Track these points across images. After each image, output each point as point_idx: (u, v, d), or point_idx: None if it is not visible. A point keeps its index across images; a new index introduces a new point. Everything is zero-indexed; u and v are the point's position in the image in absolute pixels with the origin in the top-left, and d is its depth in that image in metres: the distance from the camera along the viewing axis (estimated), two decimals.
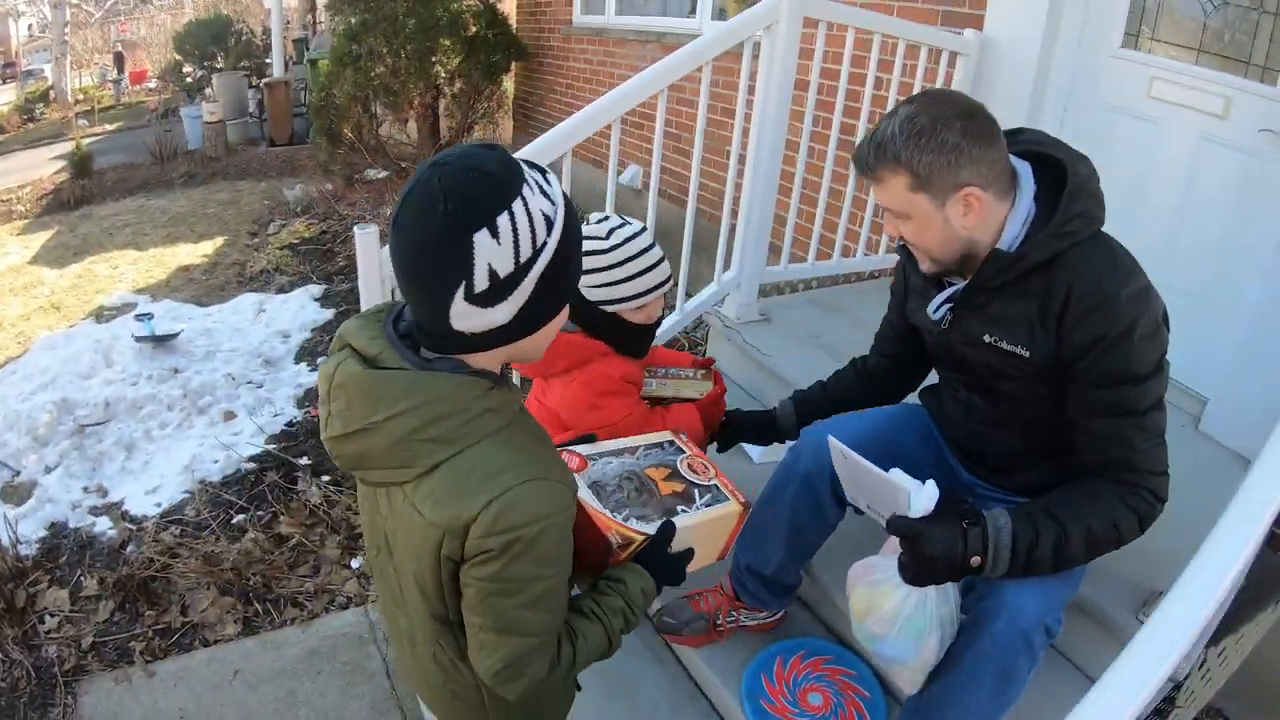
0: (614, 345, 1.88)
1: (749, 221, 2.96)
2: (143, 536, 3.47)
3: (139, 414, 4.44)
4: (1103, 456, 1.49)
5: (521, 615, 1.10)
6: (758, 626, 2.10)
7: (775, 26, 2.63)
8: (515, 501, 1.03)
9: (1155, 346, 1.44)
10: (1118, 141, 2.96)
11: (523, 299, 1.03)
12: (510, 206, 0.99)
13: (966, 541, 1.43)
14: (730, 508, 1.51)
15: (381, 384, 1.04)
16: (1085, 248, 1.46)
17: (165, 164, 10.78)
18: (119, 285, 6.62)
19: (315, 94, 8.37)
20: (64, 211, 9.23)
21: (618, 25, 6.40)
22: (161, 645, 2.88)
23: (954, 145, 1.41)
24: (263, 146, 11.69)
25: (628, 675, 2.15)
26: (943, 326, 1.68)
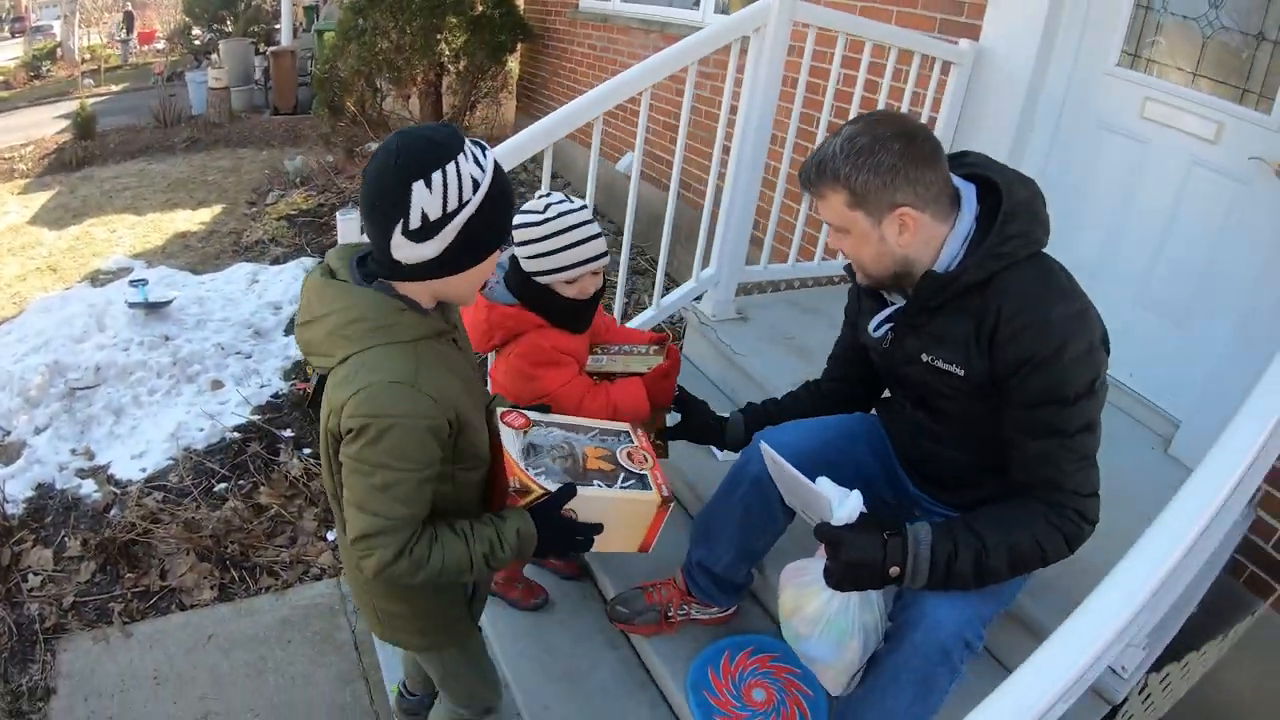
0: (548, 319, 1.93)
1: (730, 220, 2.98)
2: (126, 500, 3.53)
3: (129, 379, 4.48)
4: (1031, 476, 1.51)
5: (372, 495, 1.32)
6: (709, 621, 2.14)
7: (764, 29, 2.65)
8: (375, 394, 1.27)
9: (1088, 369, 1.45)
10: (1107, 159, 2.97)
11: (446, 241, 1.30)
12: (444, 166, 1.26)
13: (886, 551, 1.48)
14: (647, 496, 1.57)
15: (327, 289, 1.36)
16: (1020, 269, 1.49)
17: (168, 128, 10.80)
18: (116, 249, 6.64)
19: (320, 65, 8.39)
20: (65, 172, 9.26)
21: (623, 12, 6.41)
22: (140, 607, 2.96)
23: (891, 166, 1.46)
24: (267, 114, 11.70)
25: (581, 659, 2.20)
26: (884, 345, 1.73)
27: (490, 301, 1.92)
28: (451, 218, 1.28)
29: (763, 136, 2.82)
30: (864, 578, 1.50)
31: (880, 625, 1.59)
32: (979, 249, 1.51)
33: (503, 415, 1.60)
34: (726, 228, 2.99)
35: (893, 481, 1.91)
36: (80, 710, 2.52)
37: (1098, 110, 3.00)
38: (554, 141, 2.41)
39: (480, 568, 1.42)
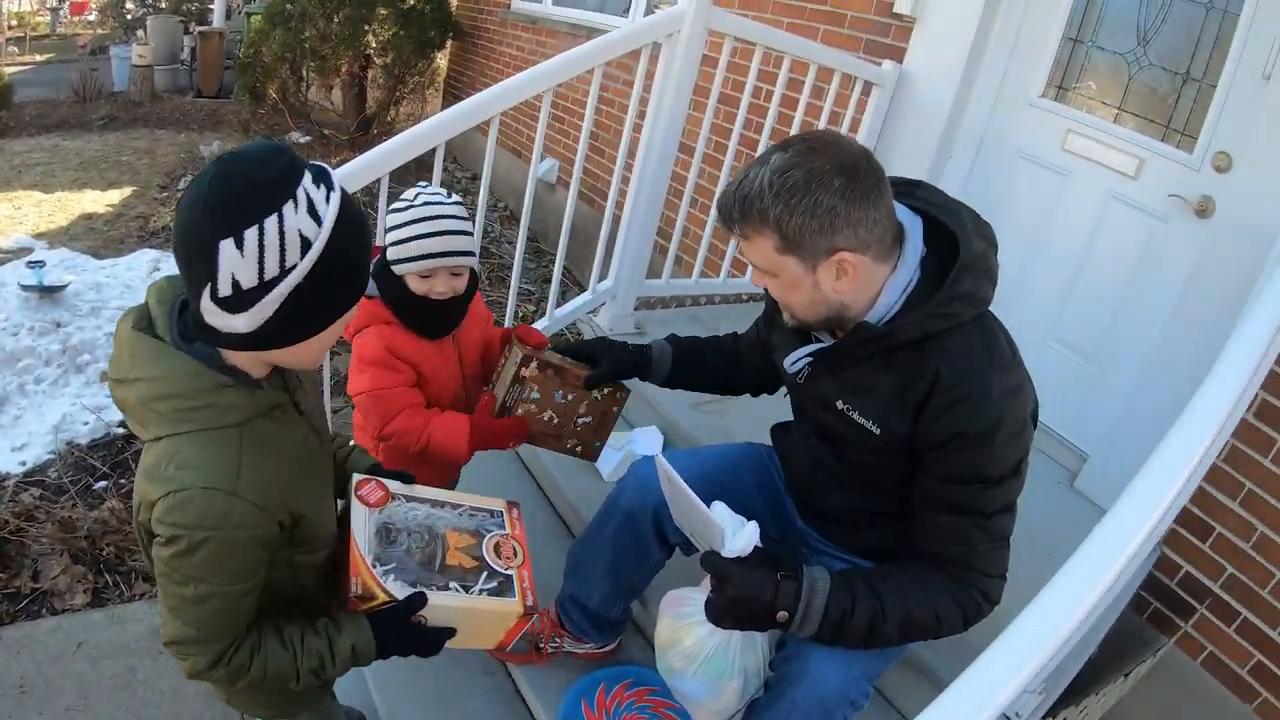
0: (401, 316, 1.82)
1: (631, 231, 2.90)
2: (2, 495, 3.33)
3: (15, 367, 4.25)
4: (940, 549, 1.42)
5: (186, 606, 1.13)
6: (585, 655, 2.03)
7: (677, 35, 2.58)
8: (187, 503, 1.05)
9: (1016, 449, 1.36)
10: (1026, 189, 2.99)
11: (266, 314, 1.04)
12: (262, 221, 0.99)
13: (777, 593, 1.37)
14: (509, 607, 1.40)
15: (137, 346, 1.08)
16: (964, 332, 1.36)
17: (87, 104, 10.36)
18: (18, 228, 6.33)
19: (244, 49, 8.16)
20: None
21: (552, 15, 6.35)
22: (9, 610, 2.78)
23: (829, 208, 1.28)
24: (190, 96, 11.30)
25: (454, 684, 2.10)
26: (799, 380, 1.60)
27: None
28: (271, 287, 1.02)
29: (670, 147, 2.75)
30: (747, 617, 1.39)
31: (762, 670, 1.51)
32: (920, 303, 1.36)
33: (358, 486, 1.40)
34: (627, 239, 2.92)
35: (778, 515, 1.81)
36: None
37: (1019, 140, 3.03)
38: (448, 139, 2.33)
39: (307, 681, 1.25)
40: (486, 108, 2.38)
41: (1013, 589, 1.45)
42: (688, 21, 2.55)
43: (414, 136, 2.28)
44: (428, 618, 1.33)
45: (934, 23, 3.16)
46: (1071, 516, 2.49)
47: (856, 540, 1.67)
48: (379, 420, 1.80)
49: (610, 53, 2.56)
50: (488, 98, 2.38)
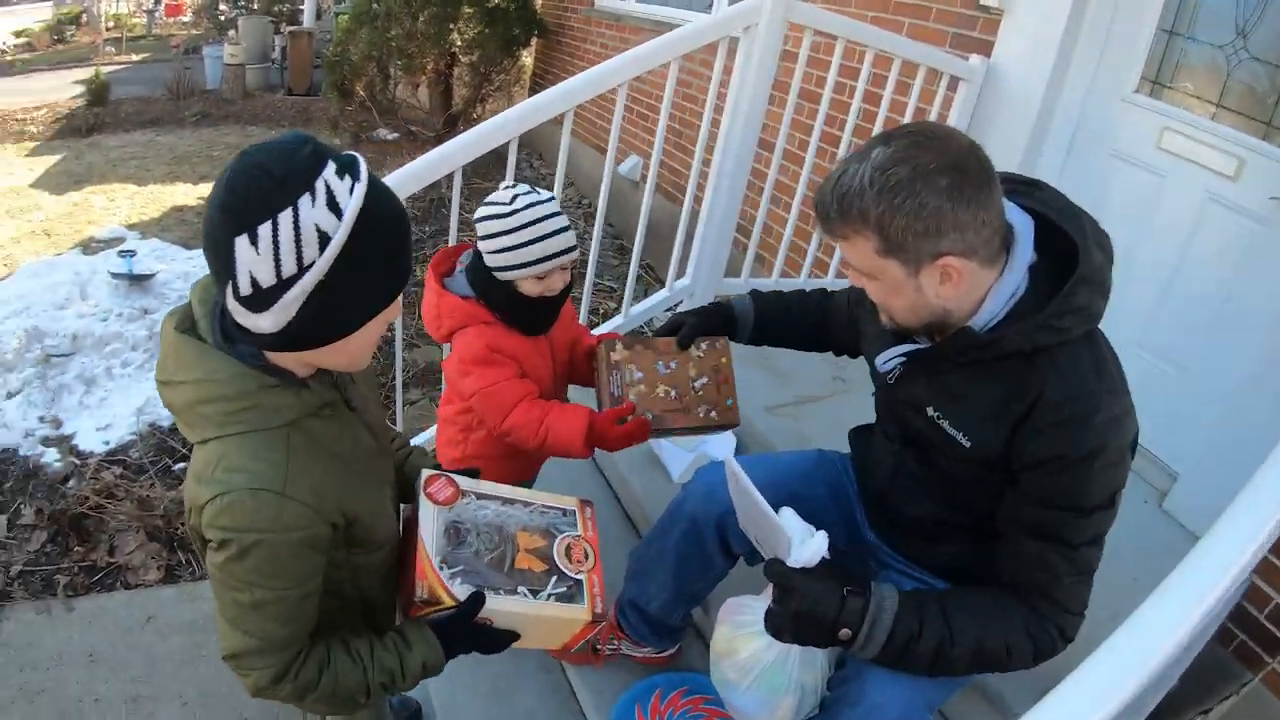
0: (502, 317, 1.79)
1: (708, 229, 2.84)
2: (85, 472, 3.45)
3: (104, 350, 4.41)
4: (1021, 576, 1.33)
5: (244, 613, 1.09)
6: (643, 659, 1.98)
7: (754, 28, 2.50)
8: (236, 505, 1.02)
9: (1114, 479, 1.26)
10: (1119, 190, 2.83)
11: (289, 313, 0.99)
12: (276, 216, 0.94)
13: (842, 610, 1.29)
14: (576, 614, 1.34)
15: (181, 348, 1.06)
16: (1075, 350, 1.26)
17: (181, 101, 10.74)
18: (113, 218, 6.58)
19: (332, 48, 8.34)
20: (75, 137, 9.21)
21: (636, 13, 6.34)
22: (85, 582, 2.88)
23: (935, 210, 1.17)
24: (280, 94, 11.64)
25: (511, 678, 2.08)
26: (889, 381, 1.50)
27: (442, 289, 1.81)
28: (289, 285, 0.97)
29: (748, 144, 2.68)
30: (809, 632, 1.31)
31: (820, 688, 1.45)
32: (1028, 313, 1.26)
33: (428, 483, 1.36)
34: (705, 236, 2.86)
35: (848, 526, 1.73)
36: (14, 680, 2.47)
37: (1112, 138, 2.87)
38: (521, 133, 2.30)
39: (377, 695, 1.22)
40: (560, 102, 2.35)
41: (1091, 614, 1.35)
42: (765, 14, 2.47)
43: (486, 131, 2.27)
44: (493, 620, 1.30)
45: (1022, 15, 3.03)
46: (1159, 539, 2.34)
47: (930, 555, 1.58)
48: (496, 416, 1.76)
49: (685, 46, 2.49)
50: (560, 92, 2.34)
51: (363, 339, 1.08)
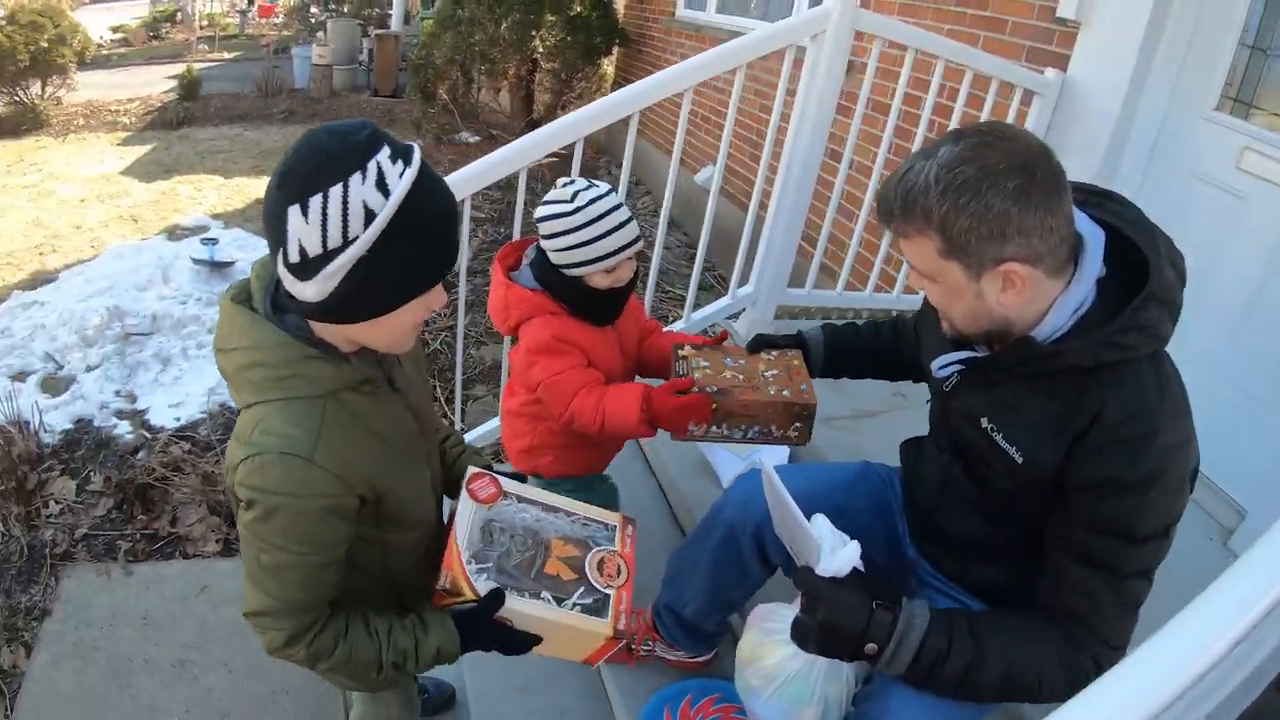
0: (570, 308, 1.79)
1: (773, 237, 2.81)
2: (154, 446, 3.58)
3: (181, 332, 4.58)
4: (1061, 602, 1.26)
5: (264, 574, 1.13)
6: (678, 663, 1.95)
7: (821, 36, 2.43)
8: (266, 467, 1.06)
9: (1170, 510, 1.20)
10: (1197, 213, 2.69)
11: (331, 284, 1.04)
12: (327, 190, 0.98)
13: (870, 623, 1.25)
14: (598, 627, 1.33)
15: (235, 317, 1.12)
16: (1139, 369, 1.20)
17: (269, 98, 11.09)
18: (198, 207, 6.83)
19: (416, 51, 8.53)
20: (165, 130, 9.59)
21: (715, 22, 6.34)
22: (145, 549, 3.00)
23: (1001, 212, 1.12)
24: (366, 95, 11.93)
25: (548, 674, 2.09)
26: (944, 388, 1.45)
27: (509, 281, 1.82)
28: (333, 256, 1.01)
29: (814, 154, 2.64)
30: (834, 644, 1.27)
31: (845, 702, 1.41)
32: (1094, 327, 1.20)
33: (471, 479, 1.38)
34: (769, 245, 2.83)
35: (890, 542, 1.67)
36: (69, 636, 2.58)
37: (1191, 157, 2.75)
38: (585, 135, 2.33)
39: (388, 673, 1.25)
40: (625, 106, 2.37)
41: None
42: (832, 22, 2.41)
43: (552, 132, 2.29)
44: (513, 621, 1.30)
45: (1100, 28, 2.95)
46: None
47: (971, 575, 1.51)
48: (560, 403, 1.75)
49: (751, 53, 2.47)
50: (623, 97, 2.36)
51: (401, 320, 1.11)
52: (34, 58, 9.55)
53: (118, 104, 10.88)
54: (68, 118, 10.15)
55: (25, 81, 9.74)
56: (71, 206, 6.79)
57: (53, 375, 4.19)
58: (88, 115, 10.34)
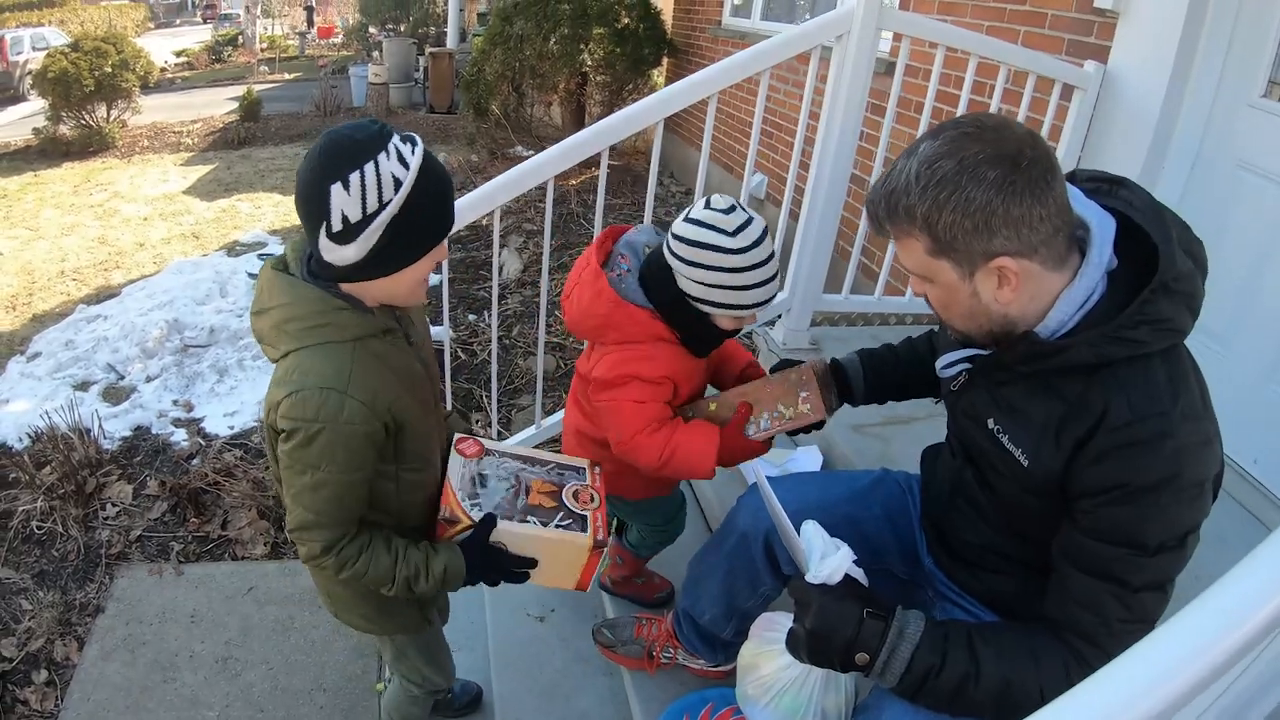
0: (684, 337, 1.63)
1: (805, 242, 2.75)
2: (209, 452, 3.69)
3: (237, 344, 4.71)
4: (1067, 615, 1.19)
5: (305, 493, 1.32)
6: (700, 672, 1.92)
7: (846, 36, 2.40)
8: (306, 399, 1.26)
9: (1186, 518, 1.11)
10: (1246, 206, 2.57)
11: (370, 243, 1.26)
12: (363, 166, 1.21)
13: (859, 633, 1.20)
14: (578, 540, 1.50)
15: (276, 282, 1.33)
16: (1148, 365, 1.13)
17: (327, 117, 11.40)
18: (257, 224, 7.03)
19: (468, 68, 8.66)
20: (226, 149, 9.91)
21: (760, 30, 6.34)
22: (196, 550, 3.11)
23: (984, 204, 1.07)
24: (422, 112, 12.18)
25: (570, 680, 2.10)
26: (952, 388, 1.40)
27: (619, 298, 1.60)
28: (372, 219, 1.24)
29: (845, 156, 2.59)
30: (824, 653, 1.22)
31: (844, 713, 1.38)
32: (1101, 321, 1.14)
33: (458, 441, 1.59)
34: (802, 250, 2.78)
35: (906, 554, 1.60)
36: (120, 631, 2.69)
37: (1239, 147, 2.63)
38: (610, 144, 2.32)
39: (401, 589, 1.43)
40: (649, 114, 2.36)
41: None
42: (857, 21, 2.37)
43: (575, 143, 2.30)
44: (507, 545, 1.48)
45: (1139, 16, 2.86)
46: None
47: (984, 587, 1.45)
48: (627, 431, 1.61)
49: (775, 57, 2.42)
50: (647, 105, 2.35)
51: (418, 271, 1.34)
52: (99, 83, 9.97)
53: (181, 125, 11.28)
54: (133, 139, 10.56)
55: (91, 105, 10.16)
56: (135, 224, 7.05)
57: (114, 385, 4.35)
58: (152, 137, 10.74)
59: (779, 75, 5.21)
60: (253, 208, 7.52)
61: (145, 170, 9.03)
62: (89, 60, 9.84)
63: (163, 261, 6.09)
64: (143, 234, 6.79)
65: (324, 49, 20.68)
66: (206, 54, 19.57)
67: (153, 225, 7.00)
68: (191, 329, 4.79)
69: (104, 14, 23.25)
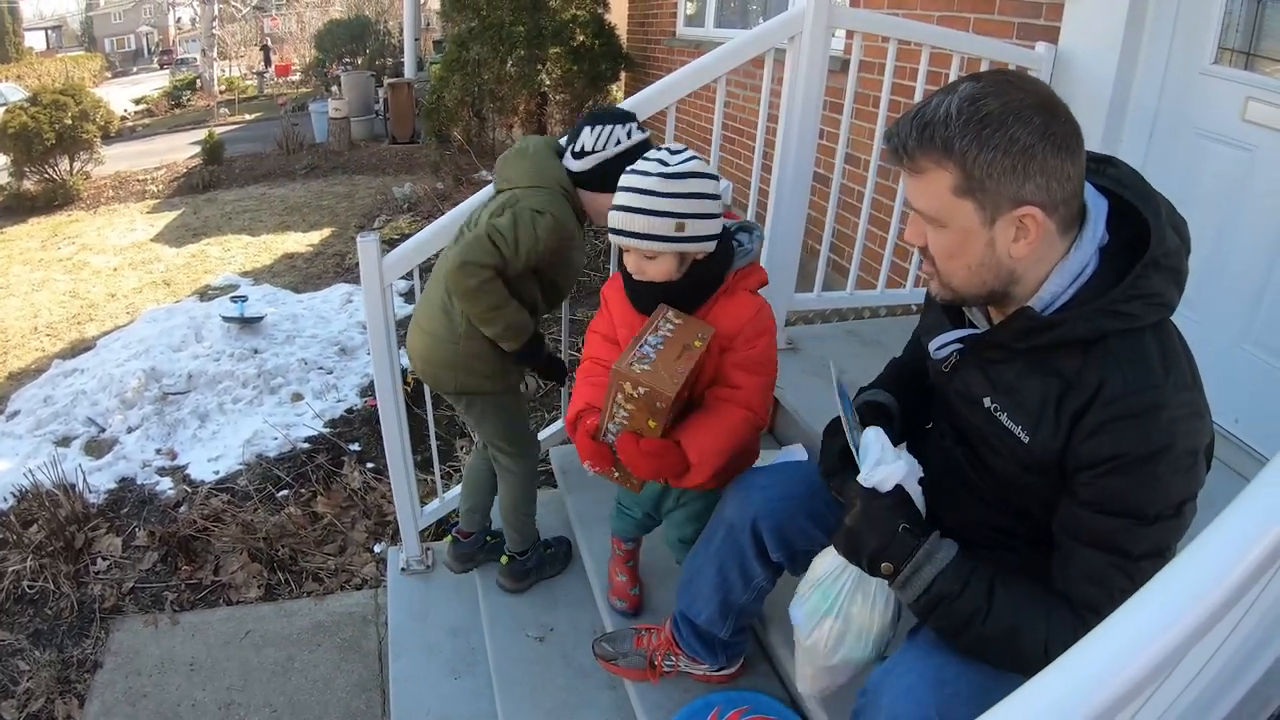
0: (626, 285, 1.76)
1: (774, 244, 2.73)
2: (195, 499, 3.66)
3: (216, 388, 4.68)
4: (1074, 590, 1.20)
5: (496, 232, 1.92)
6: (702, 677, 1.92)
7: (799, 37, 2.40)
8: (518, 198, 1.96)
9: (1182, 486, 1.13)
10: (1208, 172, 2.61)
11: (588, 166, 1.96)
12: (608, 126, 1.95)
13: (892, 543, 1.24)
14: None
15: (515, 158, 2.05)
16: (1140, 339, 1.15)
17: (290, 155, 11.36)
18: (227, 267, 7.00)
19: (428, 97, 8.67)
20: (192, 194, 9.87)
21: (715, 37, 6.38)
22: (190, 598, 3.09)
23: (1026, 146, 1.07)
24: (385, 143, 12.16)
25: (574, 696, 2.10)
26: (944, 368, 1.39)
27: None
28: (594, 153, 1.94)
29: (806, 155, 2.60)
30: (855, 551, 1.28)
31: (871, 637, 1.39)
32: (1095, 297, 1.15)
33: None
34: (771, 253, 2.75)
35: None
36: (120, 685, 2.67)
37: (1195, 115, 2.67)
38: None
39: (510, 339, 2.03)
40: None
41: None
42: (808, 21, 2.38)
43: None
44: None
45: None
46: None
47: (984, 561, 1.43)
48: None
49: (729, 62, 2.44)
50: None
51: (602, 201, 1.84)
52: (60, 135, 9.90)
53: (145, 173, 11.21)
54: (97, 190, 10.50)
55: (54, 159, 10.09)
56: (105, 276, 7.01)
57: (95, 439, 4.31)
58: (116, 186, 10.68)
59: (737, 81, 5.24)
60: (222, 251, 7.48)
61: (112, 220, 8.98)
62: (48, 113, 9.78)
63: (135, 311, 6.05)
64: (114, 285, 6.75)
65: (283, 87, 20.64)
66: (165, 100, 19.50)
67: (123, 275, 6.95)
68: (169, 376, 4.75)
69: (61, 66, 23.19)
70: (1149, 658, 0.78)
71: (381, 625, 2.86)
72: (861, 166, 3.77)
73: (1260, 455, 2.39)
